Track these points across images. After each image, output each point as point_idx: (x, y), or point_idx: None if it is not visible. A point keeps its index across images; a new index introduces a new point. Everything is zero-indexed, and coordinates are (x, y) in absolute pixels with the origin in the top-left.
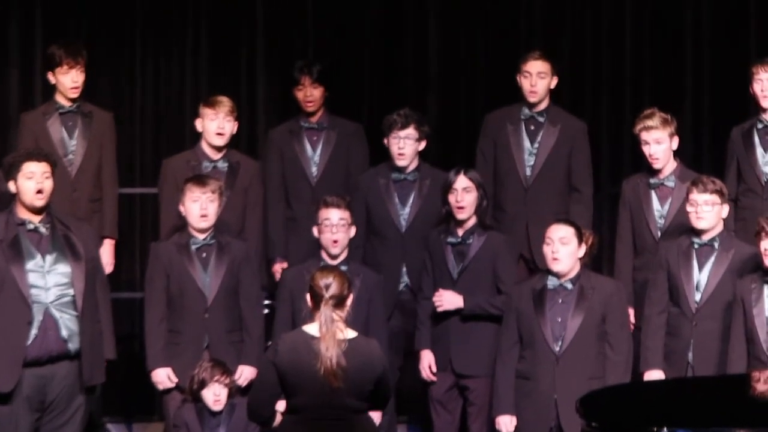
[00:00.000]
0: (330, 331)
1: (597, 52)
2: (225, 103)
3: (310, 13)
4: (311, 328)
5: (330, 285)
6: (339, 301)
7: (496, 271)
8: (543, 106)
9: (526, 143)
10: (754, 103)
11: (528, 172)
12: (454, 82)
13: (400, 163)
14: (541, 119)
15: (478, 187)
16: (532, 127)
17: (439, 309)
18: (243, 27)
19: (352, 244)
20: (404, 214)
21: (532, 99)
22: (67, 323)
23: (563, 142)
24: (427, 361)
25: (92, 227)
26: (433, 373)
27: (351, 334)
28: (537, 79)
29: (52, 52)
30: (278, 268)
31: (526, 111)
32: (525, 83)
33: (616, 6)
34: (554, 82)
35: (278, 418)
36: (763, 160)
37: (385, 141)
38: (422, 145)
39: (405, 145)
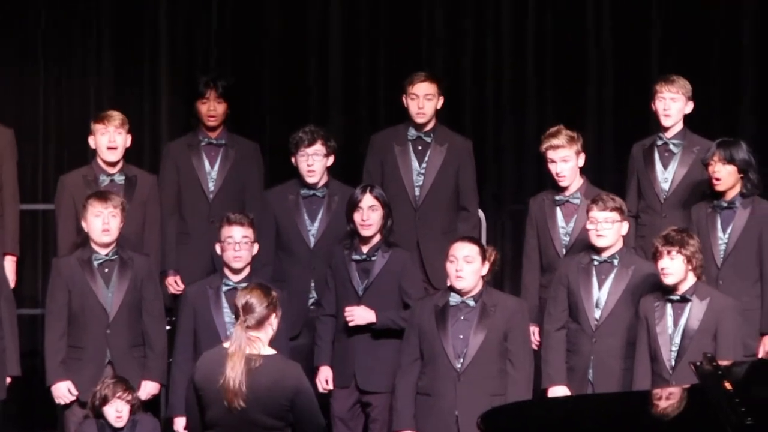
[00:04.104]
0: (239, 351)
1: (499, 69)
2: (114, 116)
3: (213, 28)
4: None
5: (248, 305)
6: (258, 321)
7: (403, 286)
8: (430, 126)
9: (414, 164)
10: (655, 120)
11: (417, 192)
12: (356, 101)
13: (310, 179)
14: (428, 139)
15: (383, 206)
16: (420, 147)
17: (351, 324)
18: (145, 42)
19: (258, 261)
20: (313, 230)
21: (419, 120)
22: None
23: (450, 161)
24: (324, 375)
25: None
26: (334, 390)
27: (268, 351)
28: (424, 101)
29: None
30: (171, 281)
31: (412, 131)
32: (412, 105)
33: (516, 24)
34: (440, 102)
35: None
36: (662, 177)
37: (293, 159)
38: (330, 160)
39: (314, 162)
